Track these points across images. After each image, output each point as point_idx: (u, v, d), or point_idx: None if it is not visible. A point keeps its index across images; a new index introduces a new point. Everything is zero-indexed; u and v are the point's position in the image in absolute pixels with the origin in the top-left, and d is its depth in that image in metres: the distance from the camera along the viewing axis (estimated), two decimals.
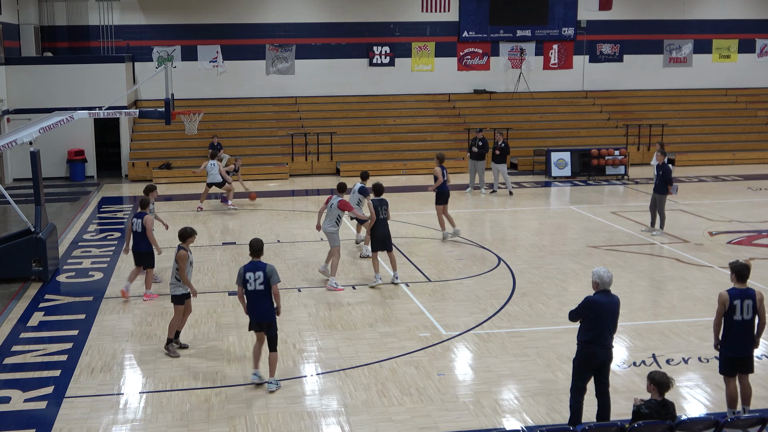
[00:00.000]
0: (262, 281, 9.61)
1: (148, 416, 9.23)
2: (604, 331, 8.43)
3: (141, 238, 13.31)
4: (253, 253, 9.79)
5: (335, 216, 14.08)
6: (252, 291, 9.64)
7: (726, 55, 32.83)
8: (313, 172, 26.88)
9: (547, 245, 17.04)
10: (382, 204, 14.11)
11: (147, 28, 29.12)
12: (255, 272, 9.63)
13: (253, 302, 9.70)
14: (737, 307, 8.66)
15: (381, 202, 14.12)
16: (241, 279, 9.70)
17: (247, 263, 9.81)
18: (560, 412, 9.12)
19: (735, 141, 29.76)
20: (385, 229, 14.06)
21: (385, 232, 14.07)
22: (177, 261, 10.90)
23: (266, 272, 9.62)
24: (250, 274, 9.64)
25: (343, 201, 14.10)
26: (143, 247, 13.35)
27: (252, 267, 9.68)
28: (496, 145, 22.76)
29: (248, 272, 9.66)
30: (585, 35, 31.62)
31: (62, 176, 26.32)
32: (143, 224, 13.24)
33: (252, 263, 9.74)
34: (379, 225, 14.02)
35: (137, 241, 13.37)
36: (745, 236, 17.52)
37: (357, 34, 30.35)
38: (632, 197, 22.80)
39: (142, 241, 13.32)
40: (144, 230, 13.24)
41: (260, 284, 9.61)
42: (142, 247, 13.35)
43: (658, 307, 13.04)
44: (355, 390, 9.83)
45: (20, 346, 11.46)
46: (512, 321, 12.30)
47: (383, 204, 14.12)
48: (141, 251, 13.40)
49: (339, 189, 14.56)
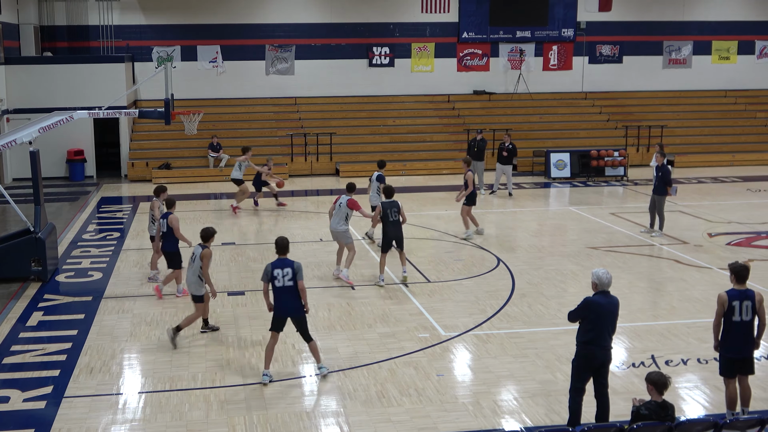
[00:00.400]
0: (290, 277, 9.76)
1: (147, 416, 9.23)
2: (603, 332, 8.43)
3: (166, 238, 13.35)
4: (280, 250, 9.94)
5: (344, 214, 14.26)
6: (281, 287, 9.79)
7: (725, 57, 32.85)
8: (312, 172, 26.88)
9: (546, 246, 17.05)
10: (392, 206, 14.10)
11: (147, 28, 29.12)
12: (283, 269, 9.79)
13: (283, 298, 9.84)
14: (736, 308, 8.67)
15: (391, 205, 14.12)
16: (268, 276, 9.84)
17: (275, 260, 9.91)
18: (559, 413, 9.13)
19: (734, 142, 29.78)
20: (396, 231, 14.08)
21: (397, 233, 14.09)
22: (201, 259, 11.11)
23: (294, 268, 9.78)
24: (278, 271, 9.79)
25: (351, 200, 14.31)
26: (167, 247, 13.38)
27: (280, 264, 9.83)
28: (503, 146, 22.66)
29: (276, 269, 9.81)
30: (585, 36, 31.64)
31: (62, 176, 26.32)
32: (168, 224, 13.29)
33: (280, 260, 9.88)
34: (389, 227, 14.03)
35: (164, 240, 13.41)
36: (744, 237, 17.53)
37: (357, 34, 30.36)
38: (631, 198, 22.81)
39: (166, 241, 13.36)
40: (170, 230, 13.27)
41: (289, 280, 9.77)
42: (166, 247, 13.39)
43: (657, 308, 13.05)
44: (354, 390, 9.83)
45: (19, 345, 11.46)
46: (511, 322, 12.31)
47: (393, 206, 14.11)
48: (166, 251, 13.43)
49: (348, 189, 14.75)
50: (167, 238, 13.30)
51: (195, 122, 17.21)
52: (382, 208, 14.05)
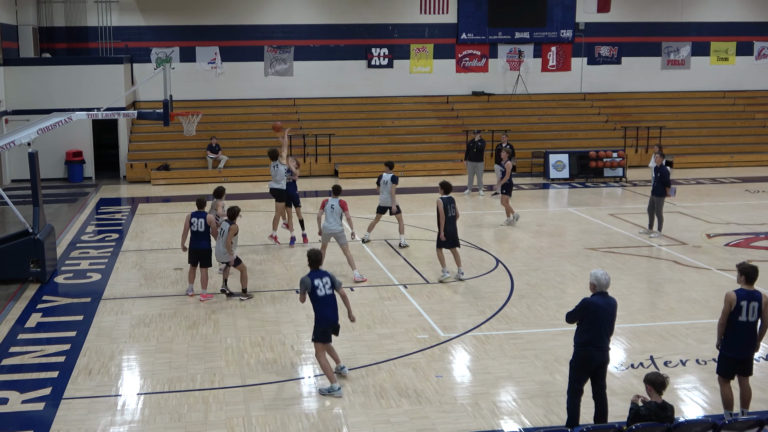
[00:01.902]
0: (330, 286, 9.95)
1: (145, 418, 9.23)
2: (601, 333, 8.44)
3: (203, 236, 13.53)
4: (314, 263, 10.01)
5: (339, 215, 14.52)
6: (323, 296, 9.91)
7: (724, 58, 32.87)
8: (311, 173, 26.87)
9: (545, 247, 17.05)
10: (450, 202, 14.29)
11: (145, 29, 29.11)
12: (322, 278, 9.93)
13: (328, 305, 9.95)
14: (743, 308, 8.66)
15: (449, 201, 14.30)
16: (310, 287, 9.88)
17: (311, 272, 9.95)
18: (558, 414, 9.13)
19: (733, 143, 29.80)
20: (452, 227, 14.25)
21: (453, 229, 14.26)
22: (229, 232, 13.21)
23: (331, 277, 10.02)
24: (318, 281, 9.90)
25: (343, 201, 14.57)
26: (204, 245, 13.56)
27: (318, 275, 9.95)
28: (501, 146, 22.68)
29: (316, 279, 9.90)
30: (583, 37, 31.65)
31: (60, 177, 26.31)
32: (206, 223, 13.51)
33: (316, 271, 9.97)
34: (447, 223, 14.17)
35: (197, 239, 13.53)
36: (743, 238, 17.54)
37: (355, 35, 30.37)
38: (630, 199, 22.82)
39: (203, 239, 13.54)
40: (208, 228, 13.52)
41: (329, 288, 9.95)
42: (202, 245, 13.55)
43: (656, 309, 13.05)
44: (353, 392, 9.83)
45: (18, 347, 11.45)
46: (510, 323, 12.31)
47: (452, 202, 14.31)
48: (201, 248, 13.56)
49: (335, 191, 14.92)
50: (204, 236, 13.60)
51: (194, 123, 17.20)
52: (442, 203, 14.15)
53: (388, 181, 16.99)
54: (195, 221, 13.54)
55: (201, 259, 13.59)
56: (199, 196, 14.07)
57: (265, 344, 11.44)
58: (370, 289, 14.04)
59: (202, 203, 13.74)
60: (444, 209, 14.13)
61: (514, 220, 19.00)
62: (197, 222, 13.52)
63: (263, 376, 10.35)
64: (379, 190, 17.25)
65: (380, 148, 28.05)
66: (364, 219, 19.82)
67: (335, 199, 14.59)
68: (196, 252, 13.58)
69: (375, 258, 16.08)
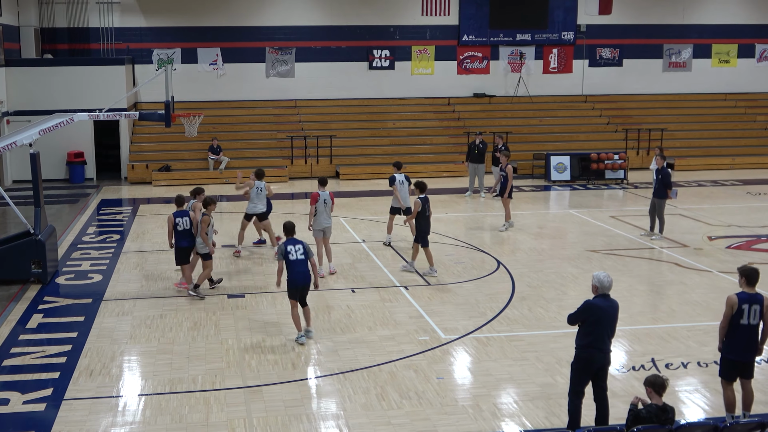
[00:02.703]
0: (302, 252, 11.42)
1: (146, 419, 9.23)
2: (603, 335, 8.43)
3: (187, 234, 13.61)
4: (289, 232, 11.70)
5: (330, 209, 14.87)
6: (295, 260, 11.38)
7: (725, 60, 32.88)
8: (312, 175, 26.85)
9: (546, 249, 17.04)
10: (426, 202, 14.76)
11: (147, 30, 29.13)
12: (295, 245, 11.44)
13: (298, 269, 11.40)
14: (745, 311, 8.64)
15: (425, 200, 14.73)
16: (283, 253, 11.39)
17: (287, 240, 11.50)
18: (559, 416, 9.12)
19: (734, 146, 29.78)
20: (427, 225, 14.80)
21: (427, 227, 14.83)
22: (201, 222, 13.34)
23: (304, 245, 11.51)
24: (291, 247, 11.41)
25: (331, 194, 14.99)
26: (184, 243, 13.65)
27: (292, 242, 11.49)
28: (496, 148, 22.76)
29: (289, 246, 11.42)
30: (585, 39, 31.66)
31: (62, 178, 26.33)
32: (190, 220, 13.61)
33: (291, 240, 11.53)
34: (424, 221, 14.66)
35: (181, 237, 13.62)
36: (744, 241, 17.53)
37: (357, 37, 30.39)
38: (631, 201, 22.81)
39: (183, 238, 13.62)
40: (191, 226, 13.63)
41: (301, 254, 11.42)
42: (185, 243, 13.65)
43: (657, 312, 13.04)
44: (354, 393, 9.83)
45: (19, 348, 11.46)
46: (511, 325, 12.30)
47: (427, 201, 14.80)
48: (185, 247, 13.68)
49: (321, 183, 15.12)
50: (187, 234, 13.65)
51: (195, 125, 17.20)
52: (421, 203, 14.58)
53: (404, 180, 17.03)
54: (180, 221, 13.58)
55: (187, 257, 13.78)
56: (177, 195, 14.09)
57: (266, 345, 11.44)
58: (371, 290, 14.04)
59: (182, 201, 13.81)
60: (422, 208, 14.58)
61: (508, 226, 18.77)
62: (182, 221, 13.56)
63: (264, 377, 10.35)
64: (395, 191, 16.96)
65: (381, 150, 28.06)
66: (366, 221, 19.84)
67: (326, 192, 14.78)
68: (183, 250, 13.69)
69: (376, 260, 16.08)
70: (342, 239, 17.64)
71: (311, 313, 11.88)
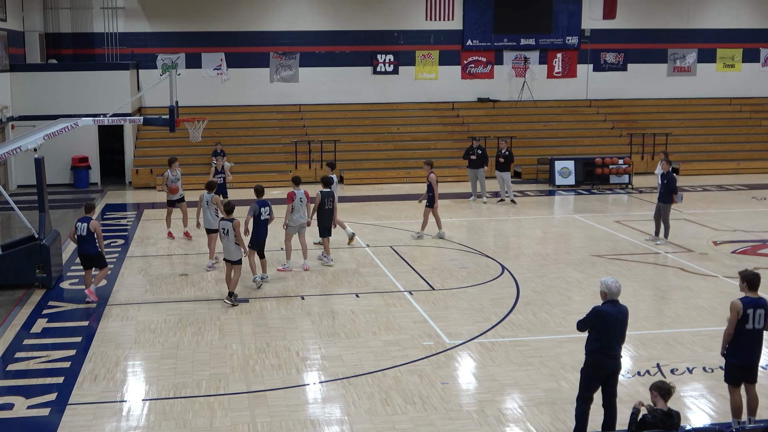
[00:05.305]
0: (269, 212, 14.33)
1: (151, 423, 9.22)
2: (612, 341, 8.40)
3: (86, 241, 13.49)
4: (260, 194, 14.39)
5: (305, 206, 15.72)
6: (264, 220, 14.30)
7: (730, 65, 32.84)
8: (316, 180, 26.80)
9: (550, 254, 17.01)
10: (329, 196, 15.91)
11: (151, 35, 29.20)
12: (265, 207, 14.30)
13: (261, 229, 14.34)
14: (750, 316, 8.61)
15: (329, 194, 15.90)
16: (256, 212, 14.15)
17: (258, 201, 14.26)
18: (564, 422, 9.09)
19: (739, 150, 29.73)
20: (328, 219, 16.02)
21: (328, 221, 16.05)
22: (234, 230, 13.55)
23: (270, 207, 14.35)
24: (263, 209, 14.27)
25: (306, 192, 15.80)
26: (89, 250, 13.54)
27: (262, 204, 14.25)
28: (500, 152, 22.74)
29: (262, 207, 14.25)
30: (589, 44, 31.64)
31: (66, 183, 26.36)
32: (89, 228, 13.46)
33: (261, 201, 14.28)
34: (324, 215, 15.89)
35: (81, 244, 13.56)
36: (750, 246, 17.48)
37: (361, 42, 30.41)
38: (636, 206, 22.77)
39: (86, 244, 13.51)
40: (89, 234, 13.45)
41: (268, 215, 14.32)
42: (87, 250, 13.55)
43: (662, 317, 13.00)
44: (358, 398, 9.80)
45: (23, 352, 11.46)
46: (516, 330, 12.27)
47: (330, 196, 15.95)
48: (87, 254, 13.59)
49: (296, 182, 15.80)
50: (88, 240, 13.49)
51: (199, 129, 17.21)
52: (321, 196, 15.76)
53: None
54: (79, 226, 13.49)
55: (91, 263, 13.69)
56: (87, 202, 14.08)
57: (270, 350, 11.42)
58: (375, 295, 14.02)
59: (90, 207, 13.76)
60: (321, 202, 15.75)
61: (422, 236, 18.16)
62: (81, 227, 13.48)
63: (268, 382, 10.33)
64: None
65: (385, 155, 28.06)
66: (370, 226, 19.83)
67: (301, 191, 15.52)
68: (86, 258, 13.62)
69: (380, 264, 16.06)
70: (346, 244, 17.62)
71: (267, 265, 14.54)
